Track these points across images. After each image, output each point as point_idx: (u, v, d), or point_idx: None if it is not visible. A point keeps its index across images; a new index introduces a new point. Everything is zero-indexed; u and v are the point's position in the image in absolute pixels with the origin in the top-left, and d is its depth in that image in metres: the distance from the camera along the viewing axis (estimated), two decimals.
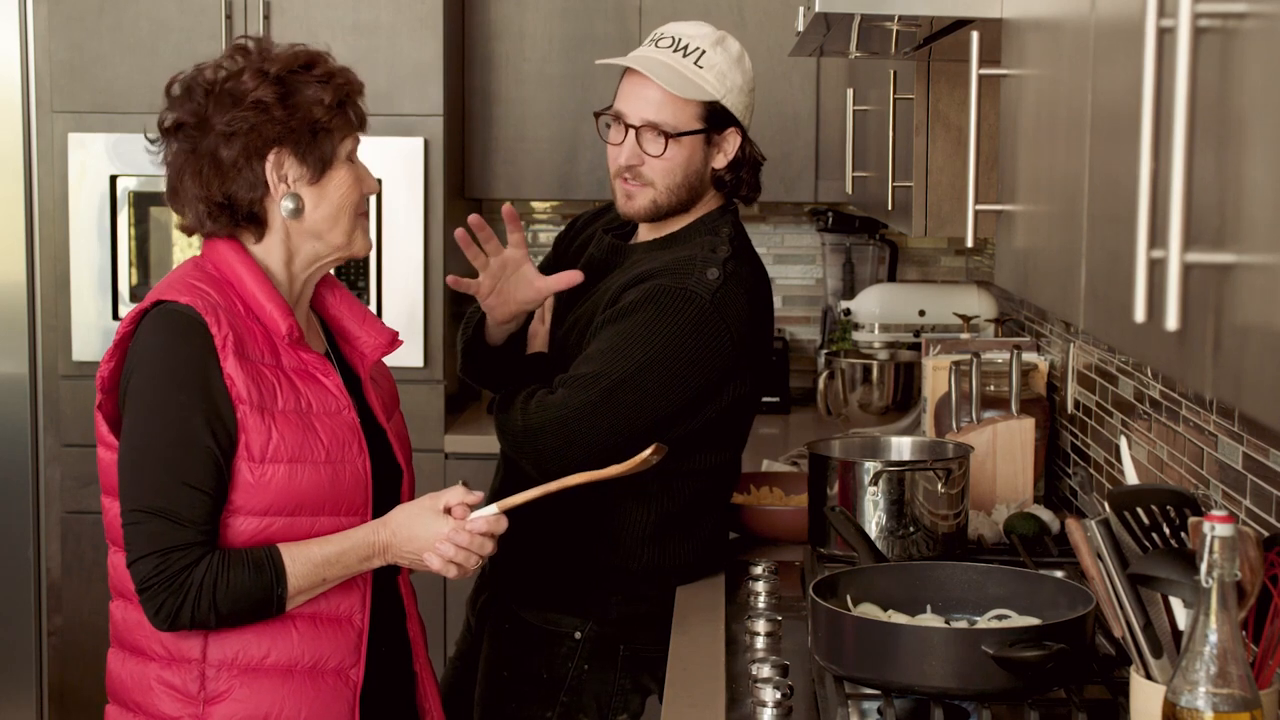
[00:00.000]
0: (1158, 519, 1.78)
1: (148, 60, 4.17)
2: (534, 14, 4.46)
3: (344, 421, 2.14)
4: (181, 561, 2.03)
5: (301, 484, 2.08)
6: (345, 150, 2.14)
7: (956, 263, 4.78)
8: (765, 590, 2.50)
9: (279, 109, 2.08)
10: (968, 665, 1.88)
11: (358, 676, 2.15)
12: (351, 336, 2.27)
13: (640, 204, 2.61)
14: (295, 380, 2.11)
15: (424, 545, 2.12)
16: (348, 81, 2.14)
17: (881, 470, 2.59)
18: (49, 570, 4.34)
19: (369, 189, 2.19)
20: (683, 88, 2.55)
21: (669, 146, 2.56)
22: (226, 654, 2.09)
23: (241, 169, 2.09)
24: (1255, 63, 1.01)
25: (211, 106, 2.09)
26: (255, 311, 2.10)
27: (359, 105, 2.17)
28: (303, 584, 2.07)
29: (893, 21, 2.23)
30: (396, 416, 2.31)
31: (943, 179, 2.75)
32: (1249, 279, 1.01)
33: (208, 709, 2.09)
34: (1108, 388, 2.86)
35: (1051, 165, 1.59)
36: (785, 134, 4.42)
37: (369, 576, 2.16)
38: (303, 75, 2.11)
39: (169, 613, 2.03)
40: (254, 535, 2.07)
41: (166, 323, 2.06)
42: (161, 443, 2.05)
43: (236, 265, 2.12)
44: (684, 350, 2.50)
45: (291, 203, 2.11)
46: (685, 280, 2.53)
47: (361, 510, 2.14)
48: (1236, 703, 1.46)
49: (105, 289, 4.21)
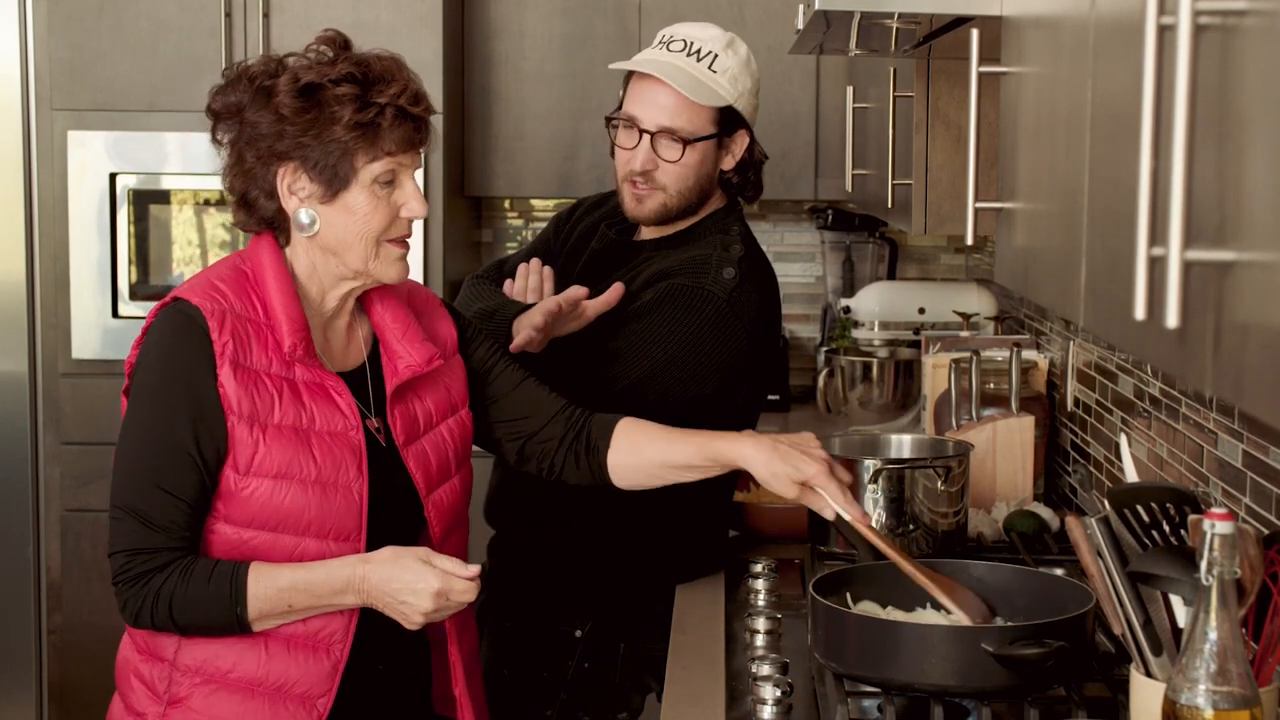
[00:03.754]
0: (1158, 517, 1.78)
1: (147, 59, 4.17)
2: (534, 13, 4.46)
3: (347, 442, 2.07)
4: (146, 565, 2.01)
5: (285, 501, 2.02)
6: (371, 173, 2.03)
7: (956, 261, 4.78)
8: (765, 588, 2.50)
9: (296, 122, 2.01)
10: (968, 663, 1.88)
11: (325, 707, 2.07)
12: (391, 352, 2.16)
13: (650, 208, 2.61)
14: (303, 394, 2.05)
15: (402, 589, 2.00)
16: (393, 105, 2.02)
17: (881, 468, 2.59)
18: (49, 569, 4.34)
19: (409, 214, 2.07)
20: (700, 93, 2.54)
21: (685, 152, 2.56)
22: (195, 660, 2.06)
23: (258, 174, 2.06)
24: (1255, 60, 1.01)
25: (248, 100, 2.05)
26: (272, 319, 2.05)
27: (405, 131, 2.04)
28: (265, 607, 2.01)
29: (892, 19, 2.23)
30: (431, 439, 2.18)
31: (942, 177, 2.75)
32: (1249, 277, 1.01)
33: (168, 710, 2.07)
34: (1107, 385, 2.86)
35: (1051, 163, 1.59)
36: (785, 131, 4.42)
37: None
38: (337, 89, 2.01)
39: (132, 611, 2.03)
40: (234, 546, 2.03)
41: (170, 323, 2.04)
42: (144, 443, 2.03)
43: (267, 268, 2.08)
44: (702, 349, 2.51)
45: (306, 218, 2.06)
46: (702, 280, 2.53)
47: (353, 537, 2.06)
48: (1236, 700, 1.46)
49: (105, 287, 4.21)
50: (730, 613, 2.49)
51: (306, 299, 2.11)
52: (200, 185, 4.19)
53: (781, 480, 2.22)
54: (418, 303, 2.26)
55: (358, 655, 2.10)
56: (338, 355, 2.15)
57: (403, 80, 2.05)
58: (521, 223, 4.87)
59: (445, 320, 2.28)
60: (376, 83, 2.03)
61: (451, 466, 2.20)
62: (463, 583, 2.01)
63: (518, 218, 4.88)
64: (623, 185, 2.62)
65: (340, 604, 2.04)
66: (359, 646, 2.09)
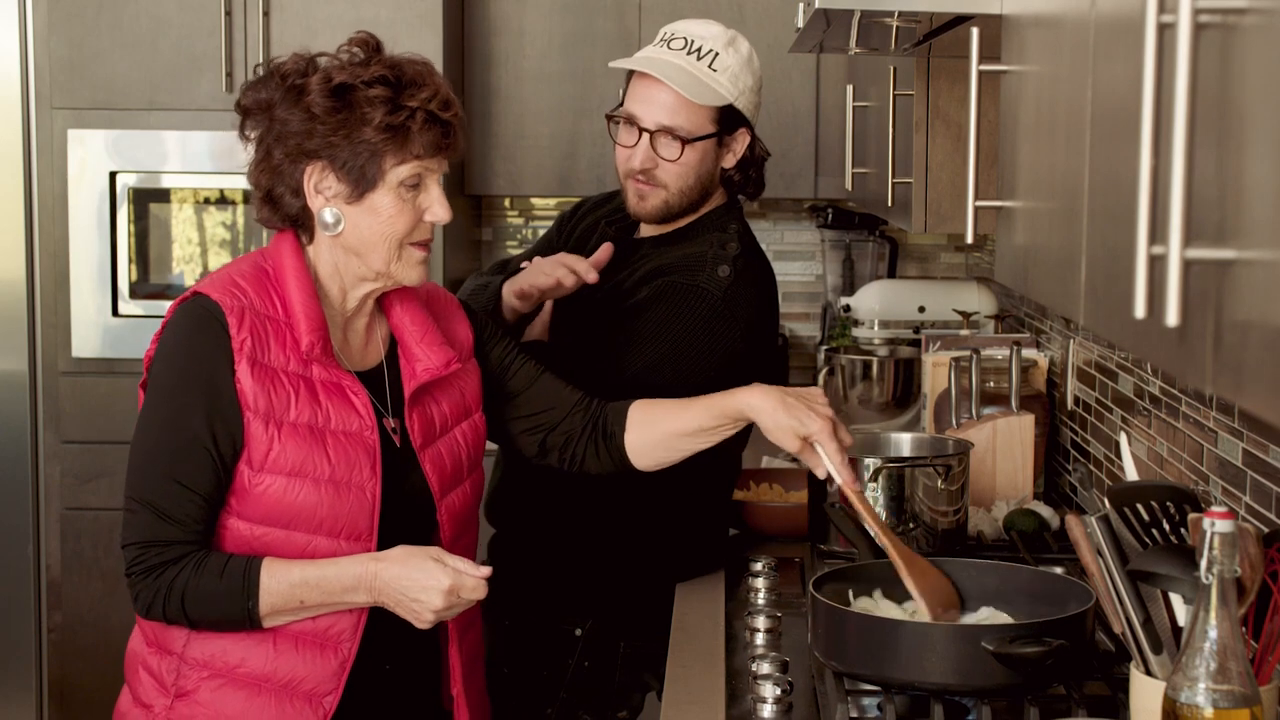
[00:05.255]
0: (1157, 515, 1.78)
1: (147, 57, 4.17)
2: (534, 11, 4.46)
3: (362, 442, 2.07)
4: (160, 557, 2.02)
5: (298, 499, 2.03)
6: (398, 176, 2.04)
7: (956, 259, 4.78)
8: (765, 586, 2.50)
9: (327, 121, 2.02)
10: (968, 661, 1.88)
11: (331, 704, 2.07)
12: (409, 354, 2.16)
13: (652, 205, 2.61)
14: (319, 392, 2.06)
15: (413, 587, 2.01)
16: (423, 109, 2.03)
17: (881, 467, 2.59)
18: (49, 567, 4.34)
19: (434, 219, 2.08)
20: (698, 93, 2.53)
21: (685, 151, 2.56)
22: (203, 654, 2.06)
23: (285, 171, 2.06)
24: (1255, 59, 1.01)
25: (279, 98, 2.05)
26: (291, 317, 2.06)
27: (434, 135, 2.04)
28: (277, 603, 2.02)
29: (892, 18, 2.23)
30: (446, 442, 2.18)
31: (943, 175, 2.74)
32: (1249, 275, 1.01)
33: (175, 702, 2.07)
34: (1107, 384, 2.86)
35: (1051, 161, 1.59)
36: (785, 130, 4.42)
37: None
38: (369, 91, 2.01)
39: (144, 603, 2.04)
40: (247, 542, 2.04)
41: (190, 318, 2.05)
42: (160, 437, 2.04)
43: (288, 266, 2.08)
44: (697, 346, 2.51)
45: (331, 217, 2.06)
46: (697, 277, 2.54)
47: (365, 536, 2.07)
48: (1236, 699, 1.46)
49: (105, 285, 4.21)
50: (730, 611, 2.49)
51: (327, 298, 2.12)
52: (200, 184, 4.18)
53: (785, 432, 2.23)
54: (436, 305, 2.27)
55: (366, 654, 2.10)
56: (356, 355, 2.16)
57: (434, 85, 2.07)
58: (521, 221, 4.87)
59: (463, 323, 2.29)
60: (408, 86, 2.04)
61: (464, 470, 2.21)
62: (473, 580, 2.02)
63: (518, 216, 4.88)
64: (625, 182, 2.62)
65: (351, 602, 2.04)
66: (367, 645, 2.10)
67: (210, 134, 4.12)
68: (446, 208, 2.09)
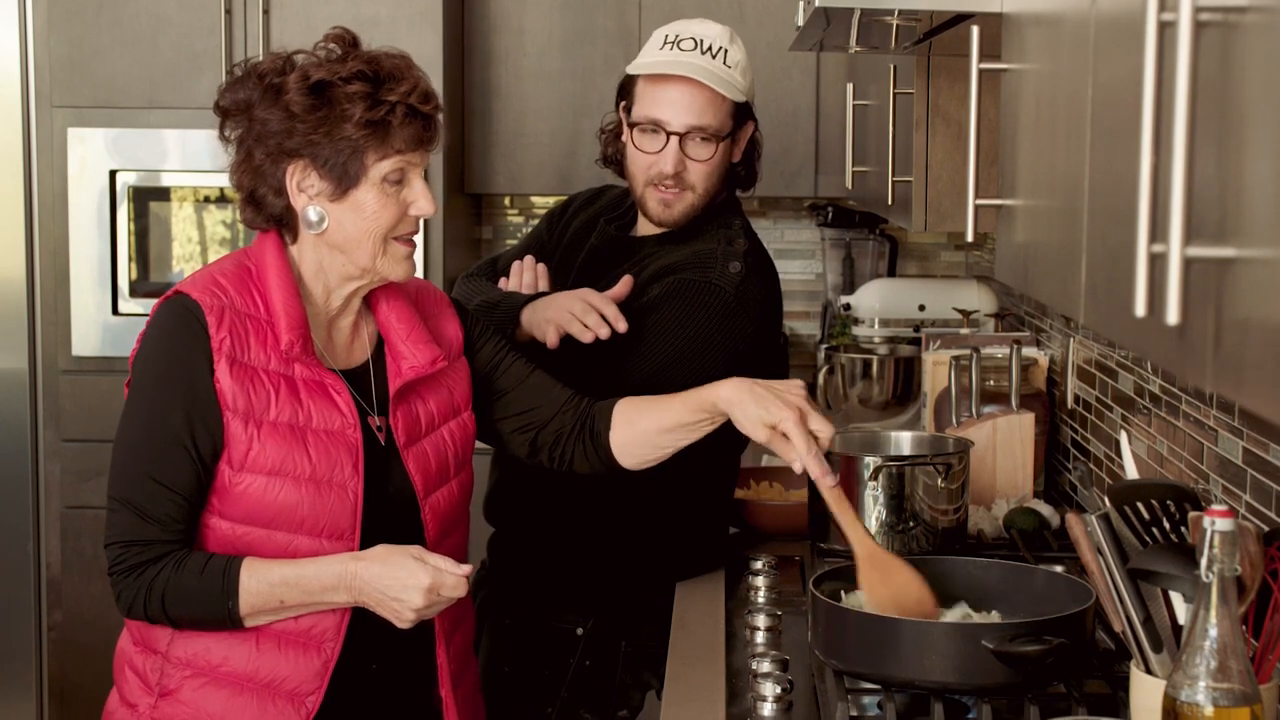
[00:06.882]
0: (1158, 514, 1.78)
1: (147, 55, 4.17)
2: (534, 9, 4.45)
3: (344, 440, 2.07)
4: (140, 556, 2.02)
5: (279, 498, 2.02)
6: (380, 171, 2.03)
7: (956, 258, 4.78)
8: (765, 585, 2.50)
9: (307, 119, 2.01)
10: (968, 660, 1.88)
11: (314, 704, 2.07)
12: (394, 352, 2.16)
13: (679, 210, 2.60)
14: (301, 391, 2.05)
15: (394, 585, 1.99)
16: (403, 103, 2.03)
17: (881, 465, 2.59)
18: (49, 565, 4.34)
19: (418, 212, 2.07)
20: (728, 90, 2.55)
21: (718, 149, 2.57)
22: (187, 653, 2.06)
23: (267, 171, 2.06)
24: (1256, 57, 1.01)
25: (257, 98, 2.05)
26: (272, 316, 2.06)
27: (415, 129, 2.05)
28: (258, 603, 2.01)
29: (893, 16, 2.23)
30: (432, 440, 2.17)
31: (943, 174, 2.74)
32: (1250, 273, 1.01)
33: (159, 701, 2.07)
34: (1108, 382, 2.86)
35: (1052, 160, 1.59)
36: (785, 129, 4.41)
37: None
38: (348, 87, 2.01)
39: (126, 603, 2.04)
40: (230, 541, 2.04)
41: (169, 316, 2.05)
42: (140, 436, 2.04)
43: (270, 265, 2.08)
44: (711, 343, 2.51)
45: (314, 215, 2.06)
46: (709, 274, 2.54)
47: (348, 535, 2.06)
48: (1236, 697, 1.46)
49: (105, 284, 4.21)
50: (730, 610, 2.49)
51: (310, 297, 2.11)
52: (200, 182, 4.19)
53: (753, 422, 2.18)
54: (426, 302, 2.26)
55: (351, 654, 2.09)
56: (341, 353, 2.15)
57: (413, 78, 2.06)
58: (521, 220, 4.87)
59: (453, 321, 2.28)
60: (387, 81, 2.04)
61: (451, 469, 2.20)
62: (453, 578, 2.01)
63: (518, 215, 4.88)
64: (646, 190, 2.60)
65: (332, 602, 2.04)
66: (353, 645, 2.09)
67: (210, 133, 4.03)
68: (430, 201, 2.08)
